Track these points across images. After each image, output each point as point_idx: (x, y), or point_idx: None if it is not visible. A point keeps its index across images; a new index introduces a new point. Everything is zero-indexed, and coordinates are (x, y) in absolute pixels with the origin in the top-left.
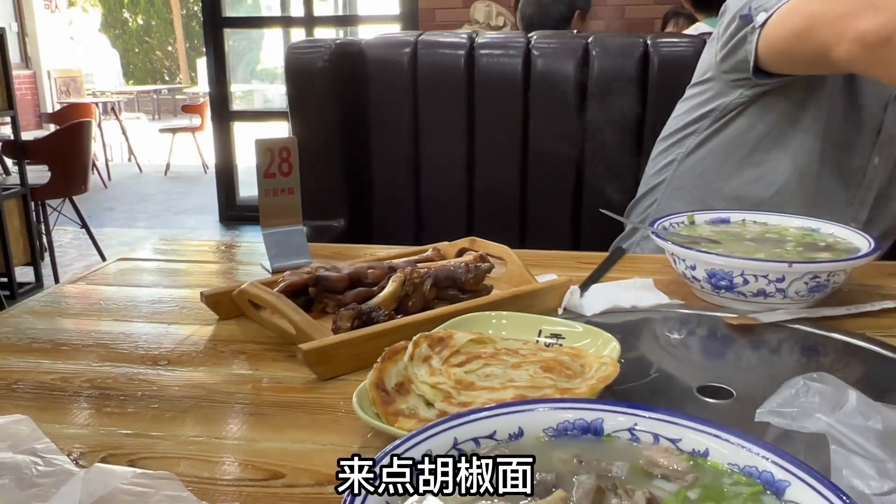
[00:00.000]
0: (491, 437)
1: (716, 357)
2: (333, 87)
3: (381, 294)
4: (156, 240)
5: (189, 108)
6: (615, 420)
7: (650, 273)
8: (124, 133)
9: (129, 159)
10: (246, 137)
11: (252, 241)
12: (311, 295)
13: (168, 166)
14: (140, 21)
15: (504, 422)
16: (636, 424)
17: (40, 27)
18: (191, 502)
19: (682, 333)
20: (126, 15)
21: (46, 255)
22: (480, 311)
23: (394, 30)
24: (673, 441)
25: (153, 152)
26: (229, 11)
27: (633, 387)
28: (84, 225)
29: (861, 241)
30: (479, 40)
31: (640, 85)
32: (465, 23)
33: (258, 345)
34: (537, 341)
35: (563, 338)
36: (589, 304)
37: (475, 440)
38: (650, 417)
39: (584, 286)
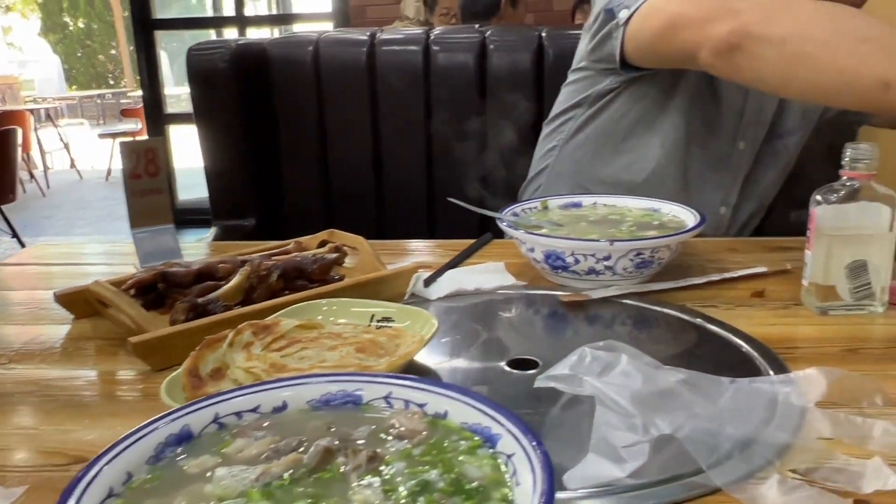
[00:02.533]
0: (254, 410)
1: (538, 332)
2: (237, 88)
3: (225, 287)
4: (38, 244)
5: (128, 113)
6: (373, 390)
7: (513, 257)
8: (63, 140)
9: (71, 166)
10: (183, 140)
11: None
12: (160, 290)
13: (109, 172)
14: (81, 25)
15: (269, 396)
16: (391, 393)
17: None
18: None
19: (514, 312)
20: (66, 19)
21: None
22: (323, 297)
23: (327, 27)
24: (420, 405)
25: (96, 158)
26: (161, 13)
27: (450, 362)
28: (14, 234)
29: (691, 220)
30: (381, 36)
31: (535, 78)
32: (395, 19)
33: (105, 341)
34: (369, 325)
35: (393, 320)
36: (434, 288)
37: (237, 414)
38: (403, 385)
39: (439, 272)
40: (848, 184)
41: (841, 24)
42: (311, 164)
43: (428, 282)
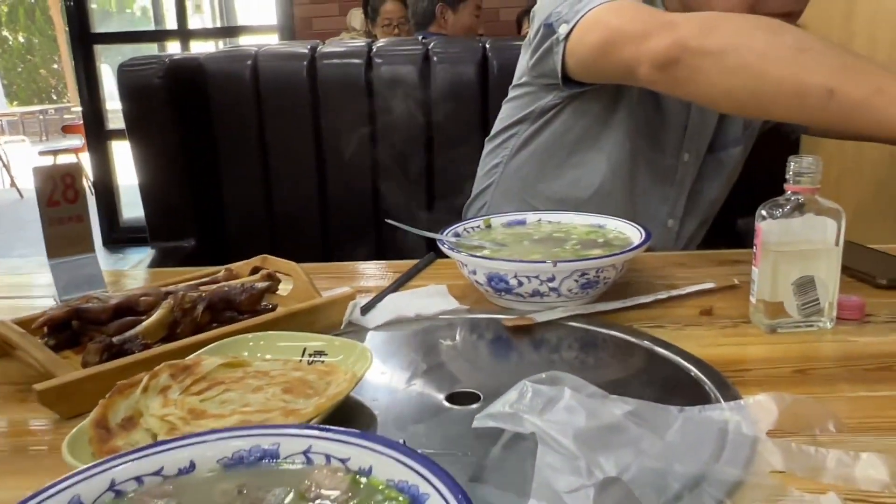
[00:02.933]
0: (157, 473)
1: (481, 360)
2: (172, 104)
3: (145, 323)
4: None
5: (70, 129)
6: (290, 444)
7: (457, 278)
8: (2, 158)
9: (11, 185)
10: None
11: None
12: (75, 328)
13: None
14: (21, 39)
15: (173, 456)
16: (311, 447)
17: None
18: None
19: (456, 339)
20: (5, 33)
21: None
22: (252, 331)
23: (273, 40)
24: (342, 461)
25: None
26: (101, 27)
27: (387, 397)
28: None
29: (637, 236)
30: (322, 49)
31: (480, 90)
32: (342, 30)
33: (14, 385)
34: (300, 360)
35: (326, 354)
36: (373, 315)
37: (138, 479)
38: (324, 438)
39: (377, 298)
40: (792, 198)
41: (779, 35)
42: (252, 182)
43: (365, 309)
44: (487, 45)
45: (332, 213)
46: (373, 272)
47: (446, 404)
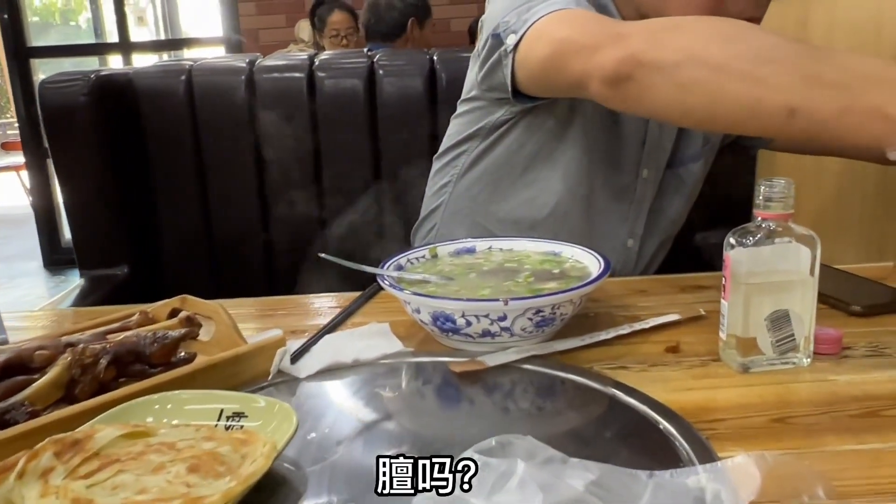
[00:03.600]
0: None
1: (427, 414)
2: (99, 123)
3: (35, 384)
4: None
5: (10, 146)
6: None
7: (403, 313)
8: None
9: None
10: None
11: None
12: None
13: None
14: None
15: None
16: None
17: None
18: None
19: (399, 388)
20: None
21: None
22: (163, 388)
23: (219, 53)
24: None
25: None
26: (39, 40)
27: (312, 468)
28: None
29: (594, 265)
30: (262, 63)
31: (429, 104)
32: (290, 42)
33: None
34: (216, 425)
35: (246, 416)
36: (306, 362)
37: None
38: None
39: (311, 341)
40: (763, 225)
41: (738, 44)
42: (189, 205)
43: (297, 356)
44: (435, 57)
45: (276, 236)
46: (312, 307)
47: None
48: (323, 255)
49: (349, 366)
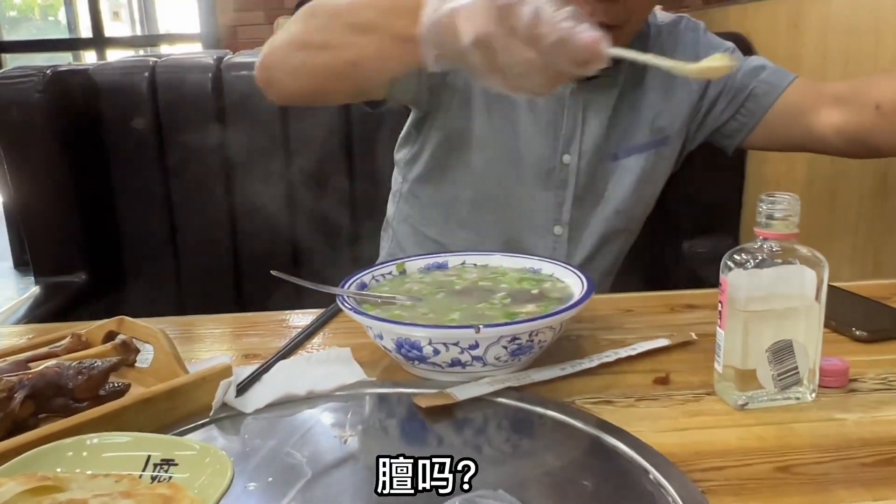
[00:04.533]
0: None
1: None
2: (54, 122)
3: None
4: None
5: None
6: None
7: (366, 335)
8: None
9: None
10: None
11: None
12: None
13: None
14: None
15: None
16: None
17: None
18: None
19: (357, 427)
20: None
21: None
22: (87, 428)
23: (196, 49)
24: None
25: None
26: (11, 34)
27: None
28: None
29: (577, 285)
30: (230, 59)
31: None
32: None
33: None
34: (141, 475)
35: (177, 464)
36: (254, 393)
37: None
38: None
39: (260, 369)
40: (764, 245)
41: (308, 21)
42: (152, 208)
43: (243, 387)
44: None
45: (244, 243)
46: (277, 325)
47: None
48: (274, 272)
49: (302, 398)
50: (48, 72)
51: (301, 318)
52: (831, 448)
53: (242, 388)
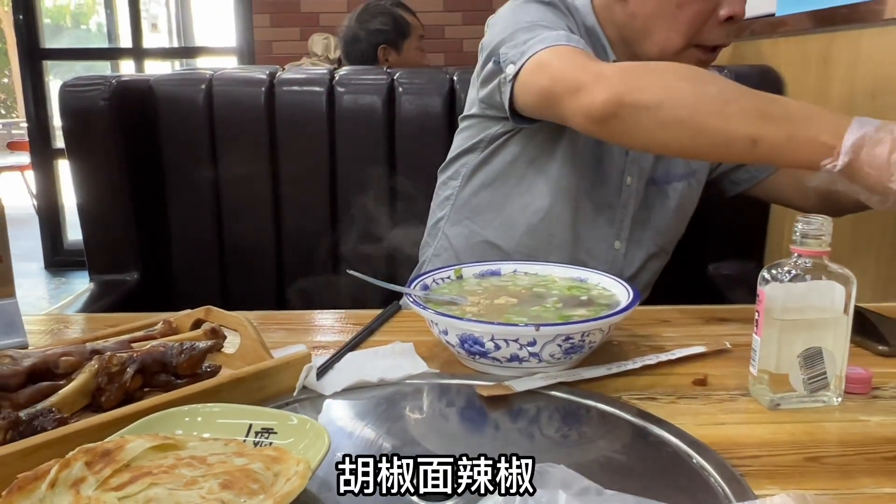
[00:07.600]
0: None
1: (453, 436)
2: (118, 128)
3: (62, 391)
4: None
5: (15, 146)
6: None
7: (424, 333)
8: None
9: None
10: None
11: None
12: None
13: None
14: None
15: None
16: None
17: None
18: None
19: (424, 410)
20: None
21: None
22: (190, 401)
23: (231, 63)
24: None
25: None
26: (52, 42)
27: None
28: None
29: (622, 293)
30: (282, 76)
31: (447, 123)
32: (303, 55)
33: None
34: (245, 440)
35: (276, 433)
36: (330, 379)
37: None
38: None
39: (334, 357)
40: (799, 261)
41: (703, 86)
42: (202, 214)
43: (321, 372)
44: (455, 77)
45: (288, 250)
46: (330, 323)
47: (416, 501)
48: (351, 271)
49: (374, 385)
50: (113, 81)
51: (345, 317)
52: (856, 444)
53: (320, 374)
